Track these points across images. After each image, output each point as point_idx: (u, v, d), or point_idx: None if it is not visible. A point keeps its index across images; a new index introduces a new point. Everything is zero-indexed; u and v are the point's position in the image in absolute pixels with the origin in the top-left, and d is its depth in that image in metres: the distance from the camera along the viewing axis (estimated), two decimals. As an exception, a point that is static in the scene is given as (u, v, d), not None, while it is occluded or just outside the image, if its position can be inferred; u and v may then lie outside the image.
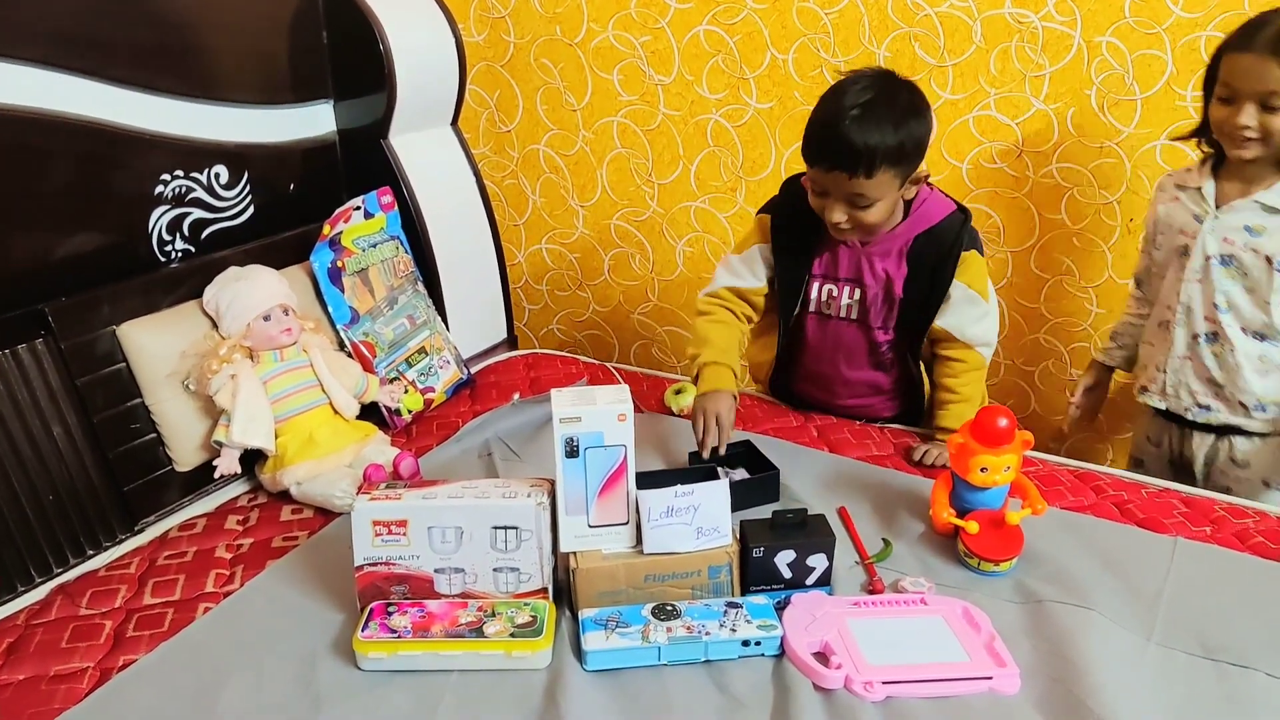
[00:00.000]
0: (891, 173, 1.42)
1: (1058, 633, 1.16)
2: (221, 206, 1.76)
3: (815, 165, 1.45)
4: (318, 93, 1.95)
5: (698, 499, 1.19)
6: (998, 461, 1.30)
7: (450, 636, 1.13)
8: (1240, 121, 1.47)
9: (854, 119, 1.38)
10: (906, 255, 1.56)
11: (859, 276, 1.60)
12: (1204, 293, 1.61)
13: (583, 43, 2.36)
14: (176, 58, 1.65)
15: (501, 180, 2.62)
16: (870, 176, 1.40)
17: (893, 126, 1.39)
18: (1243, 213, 1.55)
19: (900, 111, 1.41)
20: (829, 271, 1.62)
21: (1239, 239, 1.55)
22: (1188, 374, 1.66)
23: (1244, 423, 1.64)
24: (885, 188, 1.43)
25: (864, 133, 1.37)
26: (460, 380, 1.95)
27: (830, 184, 1.44)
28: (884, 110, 1.39)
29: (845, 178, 1.41)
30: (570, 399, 1.19)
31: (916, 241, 1.56)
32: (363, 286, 1.81)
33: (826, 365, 1.71)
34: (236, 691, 1.10)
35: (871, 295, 1.60)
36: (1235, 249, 1.56)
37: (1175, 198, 1.66)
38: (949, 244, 1.54)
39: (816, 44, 2.11)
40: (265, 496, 1.56)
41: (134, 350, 1.51)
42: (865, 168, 1.39)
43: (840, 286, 1.62)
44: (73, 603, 1.28)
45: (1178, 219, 1.64)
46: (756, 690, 1.09)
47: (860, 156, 1.38)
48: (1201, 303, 1.62)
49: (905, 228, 1.55)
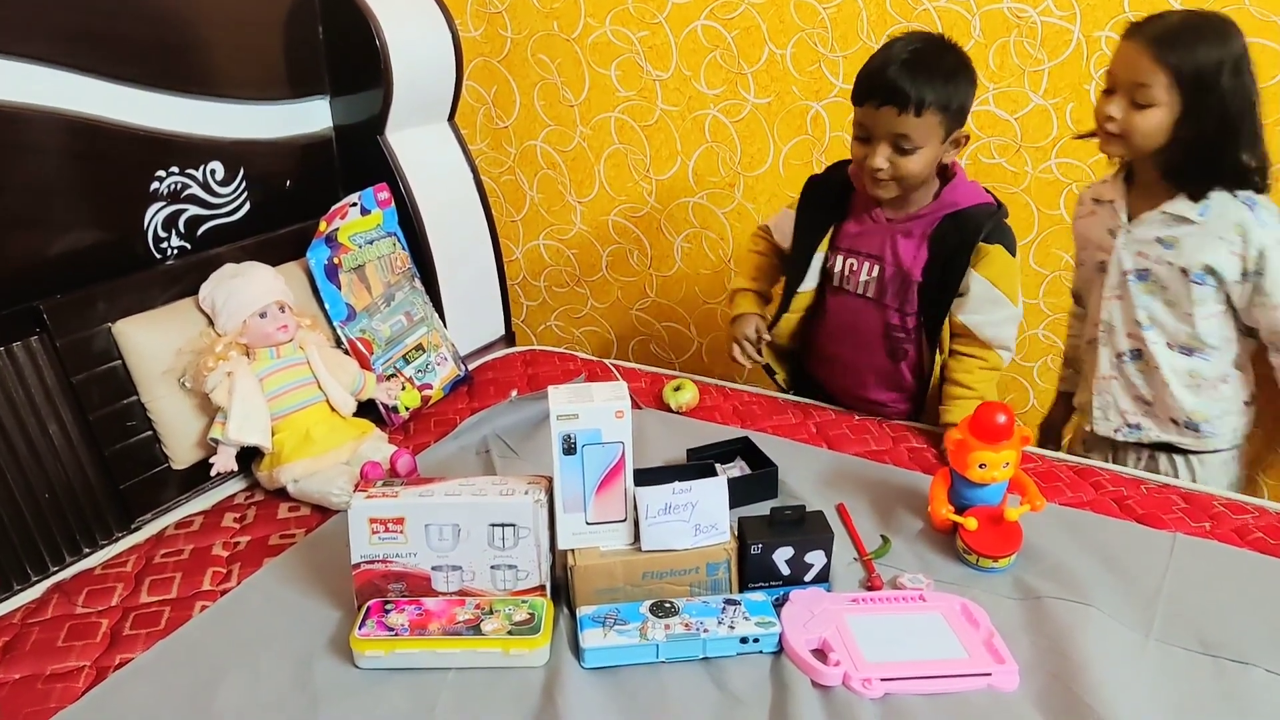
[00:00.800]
0: (938, 119, 1.46)
1: (1056, 629, 1.16)
2: (217, 203, 1.76)
3: (865, 103, 1.49)
4: (314, 88, 1.94)
5: (696, 496, 1.18)
6: (996, 458, 1.30)
7: (448, 634, 1.12)
8: (1107, 112, 1.43)
9: (906, 61, 1.45)
10: (929, 238, 1.57)
11: (881, 253, 1.62)
12: (1124, 309, 1.57)
13: (580, 38, 2.35)
14: (172, 53, 1.64)
15: (499, 176, 2.61)
16: (920, 114, 1.44)
17: (943, 75, 1.45)
18: (1153, 225, 1.50)
19: (950, 66, 1.47)
20: (854, 245, 1.65)
21: (1152, 252, 1.51)
22: (1115, 393, 1.62)
23: (1177, 440, 1.59)
24: (930, 134, 1.46)
25: (915, 72, 1.44)
26: (458, 377, 1.94)
27: (878, 123, 1.48)
28: (934, 60, 1.47)
29: (895, 113, 1.45)
30: (568, 396, 1.18)
31: (941, 225, 1.57)
32: (359, 283, 1.81)
33: (840, 346, 1.72)
34: (233, 690, 1.10)
35: (890, 274, 1.61)
36: (1150, 263, 1.51)
37: (1092, 211, 1.62)
38: (971, 231, 1.55)
39: (814, 39, 2.10)
40: (262, 494, 1.56)
41: (130, 347, 1.50)
42: (915, 104, 1.43)
43: (861, 261, 1.64)
44: (69, 601, 1.27)
45: (1094, 234, 1.60)
46: (755, 687, 1.09)
47: (911, 92, 1.43)
48: (1123, 320, 1.57)
49: (932, 209, 1.57)
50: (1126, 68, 1.40)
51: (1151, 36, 1.37)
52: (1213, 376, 1.54)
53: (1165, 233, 1.49)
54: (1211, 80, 1.35)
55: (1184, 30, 1.37)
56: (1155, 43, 1.37)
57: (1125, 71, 1.40)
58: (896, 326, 1.64)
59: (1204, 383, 1.54)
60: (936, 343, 1.62)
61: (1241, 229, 1.43)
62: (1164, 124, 1.39)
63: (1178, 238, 1.48)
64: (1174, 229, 1.48)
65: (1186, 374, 1.55)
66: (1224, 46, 1.36)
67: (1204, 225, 1.45)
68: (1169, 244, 1.49)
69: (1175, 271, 1.49)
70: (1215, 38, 1.36)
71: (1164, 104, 1.38)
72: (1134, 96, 1.39)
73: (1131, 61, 1.39)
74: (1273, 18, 1.76)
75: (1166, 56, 1.36)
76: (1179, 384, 1.55)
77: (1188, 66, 1.35)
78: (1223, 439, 1.59)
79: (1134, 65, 1.38)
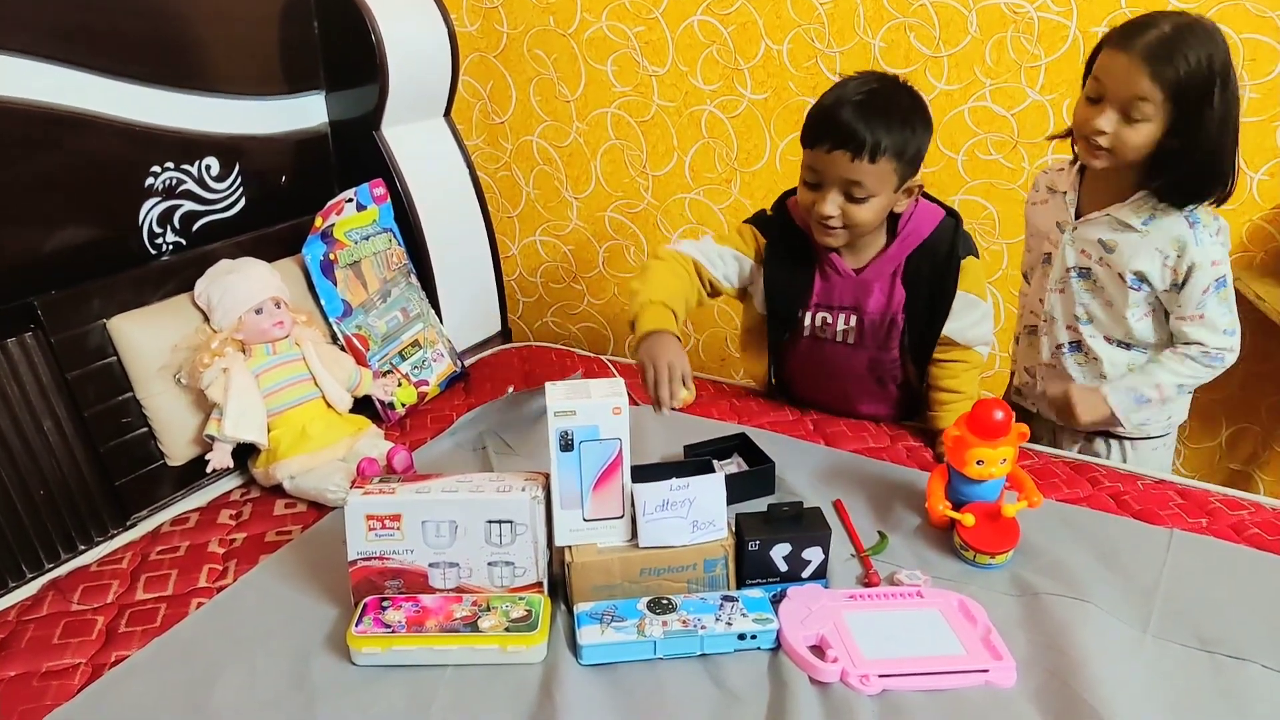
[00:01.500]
0: (892, 166, 1.39)
1: (1054, 625, 1.16)
2: (213, 199, 1.75)
3: (816, 146, 1.41)
4: (309, 84, 1.93)
5: (693, 492, 1.18)
6: (994, 454, 1.30)
7: (445, 631, 1.12)
8: (1097, 125, 1.38)
9: (861, 103, 1.38)
10: (902, 278, 1.53)
11: (856, 304, 1.56)
12: (1065, 303, 1.57)
13: (576, 33, 2.34)
14: (167, 49, 1.64)
15: (495, 172, 2.61)
16: (874, 161, 1.37)
17: (899, 119, 1.38)
18: (1098, 226, 1.50)
19: (905, 108, 1.40)
20: (824, 300, 1.58)
21: (1094, 253, 1.51)
22: (1053, 382, 1.63)
23: (1113, 427, 1.60)
24: (883, 182, 1.40)
25: (871, 116, 1.36)
26: (454, 373, 1.94)
27: (829, 168, 1.40)
28: (889, 102, 1.39)
29: (848, 159, 1.37)
30: (565, 392, 1.18)
31: (909, 262, 1.52)
32: (355, 279, 1.80)
33: (824, 381, 1.70)
34: (229, 687, 1.09)
35: (870, 322, 1.57)
36: (1091, 262, 1.52)
37: (1045, 199, 1.61)
38: (944, 256, 1.51)
39: (811, 34, 2.10)
40: (258, 491, 1.55)
41: (125, 344, 1.49)
42: (870, 150, 1.36)
43: (835, 314, 1.58)
44: (64, 598, 1.27)
45: (1043, 223, 1.60)
46: (752, 684, 1.09)
47: (865, 136, 1.35)
48: (1063, 313, 1.58)
49: (896, 249, 1.52)
50: (1121, 82, 1.36)
51: (1146, 51, 1.33)
52: None
53: (1108, 236, 1.49)
54: (1205, 94, 1.33)
55: (1177, 42, 1.33)
56: (1151, 58, 1.33)
57: (1119, 86, 1.36)
58: (881, 362, 1.62)
59: None
60: (927, 362, 1.61)
61: (1179, 244, 1.44)
62: (1153, 137, 1.38)
63: (1117, 242, 1.48)
64: (1116, 234, 1.49)
65: (1125, 366, 1.56)
66: (1215, 57, 1.33)
67: (1145, 234, 1.46)
68: (1109, 248, 1.49)
69: (1113, 274, 1.50)
70: (1207, 46, 1.33)
71: (1156, 119, 1.36)
72: (1127, 111, 1.36)
73: (1126, 76, 1.35)
74: (1270, 14, 1.76)
75: (1164, 72, 1.32)
76: (1116, 377, 1.56)
77: (1185, 82, 1.33)
78: (1157, 426, 1.62)
79: (1129, 80, 1.35)
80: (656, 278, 1.50)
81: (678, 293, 1.49)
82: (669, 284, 1.50)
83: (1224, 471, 2.19)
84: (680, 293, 1.50)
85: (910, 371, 1.64)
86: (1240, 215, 1.94)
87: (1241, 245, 1.96)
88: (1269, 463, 2.15)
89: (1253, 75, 1.81)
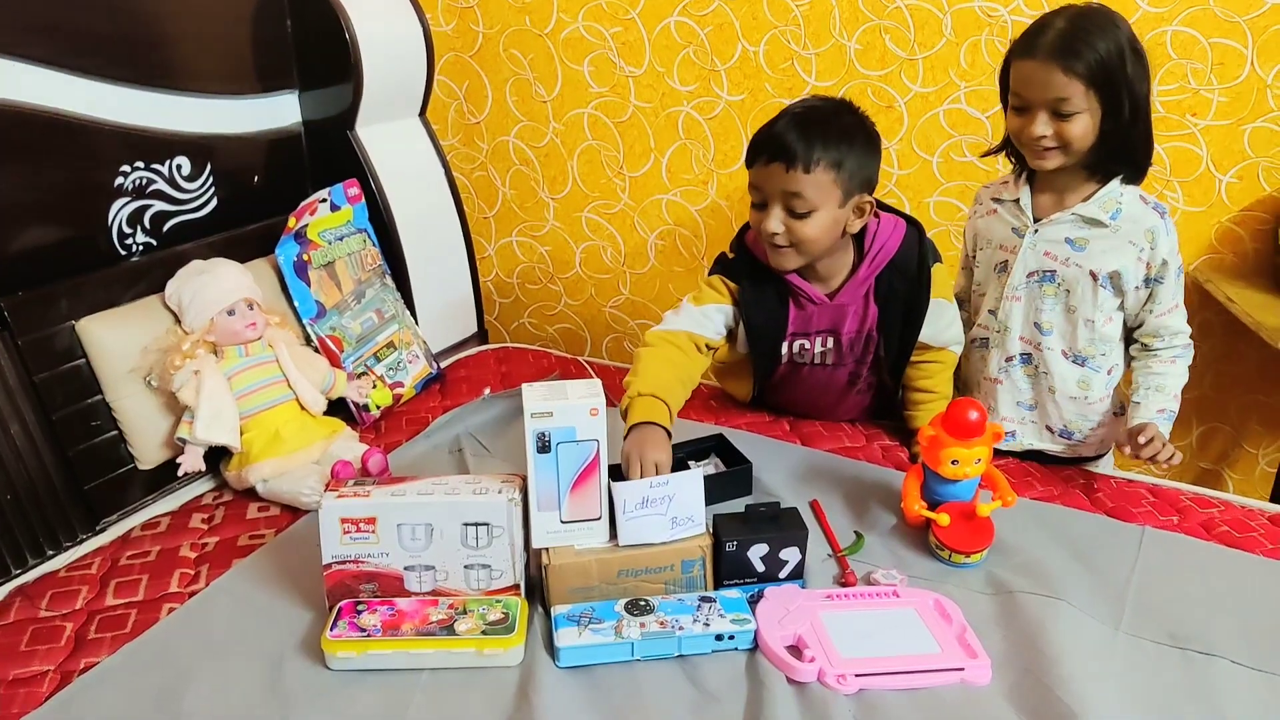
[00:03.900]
0: (830, 178, 1.37)
1: (1028, 623, 1.17)
2: (184, 199, 1.73)
3: (755, 162, 1.42)
4: (282, 83, 1.91)
5: (672, 489, 1.19)
6: (969, 454, 1.31)
7: (421, 635, 1.11)
8: (1035, 132, 1.40)
9: (798, 115, 1.40)
10: (874, 296, 1.53)
11: (833, 327, 1.56)
12: (1022, 312, 1.56)
13: (552, 33, 2.33)
14: (137, 47, 1.61)
15: (471, 172, 2.59)
16: (808, 171, 1.36)
17: (836, 134, 1.38)
18: (1063, 226, 1.49)
19: (845, 126, 1.40)
20: (801, 329, 1.57)
21: (1060, 253, 1.50)
22: (995, 398, 1.61)
23: (1049, 447, 1.60)
24: (823, 194, 1.38)
25: (804, 128, 1.37)
26: (430, 375, 1.93)
27: (767, 182, 1.40)
28: (827, 117, 1.40)
29: (782, 170, 1.37)
30: (542, 394, 1.17)
31: (880, 281, 1.52)
32: (329, 280, 1.79)
33: (804, 398, 1.70)
34: (201, 694, 1.08)
35: (847, 342, 1.57)
36: (1057, 264, 1.50)
37: (993, 210, 1.59)
38: (914, 270, 1.51)
39: (787, 36, 2.11)
40: (231, 494, 1.54)
41: (94, 346, 1.47)
42: (804, 159, 1.35)
43: (813, 339, 1.58)
44: (32, 604, 1.25)
45: (996, 233, 1.58)
46: (730, 684, 1.09)
47: (797, 147, 1.35)
48: (1020, 322, 1.56)
49: (865, 270, 1.51)
50: (1039, 88, 1.38)
51: (1052, 51, 1.35)
52: (1097, 387, 1.55)
53: (1076, 234, 1.49)
54: (1118, 71, 1.36)
55: (1079, 33, 1.35)
56: (1060, 56, 1.35)
57: (1039, 91, 1.38)
58: (857, 374, 1.63)
59: (1088, 393, 1.55)
60: (903, 370, 1.61)
61: (1152, 236, 1.45)
62: (1092, 125, 1.39)
63: (1088, 239, 1.48)
64: (1085, 230, 1.48)
65: (1075, 383, 1.55)
66: (1117, 35, 1.36)
67: (1116, 229, 1.46)
68: (1079, 245, 1.48)
69: (1084, 274, 1.48)
70: (1107, 29, 1.36)
71: (1086, 109, 1.38)
72: (1056, 110, 1.38)
73: (1042, 81, 1.37)
74: (1237, 18, 1.79)
75: (1075, 66, 1.34)
76: (1064, 394, 1.55)
77: (1097, 68, 1.35)
78: (1089, 448, 1.61)
79: (1046, 84, 1.37)
80: (647, 369, 1.46)
81: (671, 381, 1.45)
82: (660, 375, 1.46)
83: (1195, 470, 2.21)
84: (673, 381, 1.46)
85: (884, 377, 1.64)
86: (1210, 217, 1.96)
87: (1211, 247, 1.98)
88: (1238, 461, 2.18)
89: (1221, 79, 1.83)
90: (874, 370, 1.63)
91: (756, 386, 1.70)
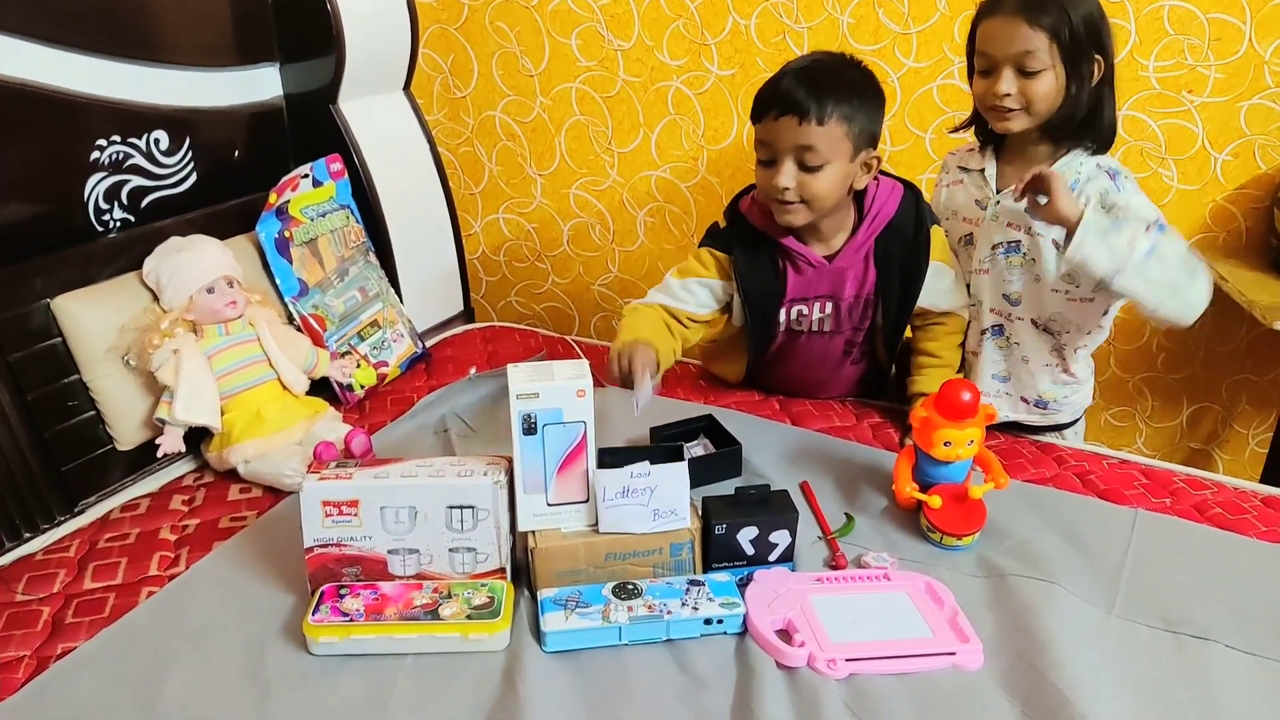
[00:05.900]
0: (843, 130, 1.37)
1: (1020, 607, 1.16)
2: (162, 174, 1.69)
3: (764, 117, 1.40)
4: (263, 55, 1.87)
5: (655, 480, 1.16)
6: (961, 435, 1.29)
7: (404, 619, 1.10)
8: (999, 89, 1.39)
9: (804, 69, 1.39)
10: (873, 259, 1.52)
11: (832, 292, 1.55)
12: (991, 284, 1.55)
13: (539, 6, 2.29)
14: (112, 17, 1.57)
15: (456, 148, 2.56)
16: (822, 124, 1.35)
17: (845, 84, 1.38)
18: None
19: (852, 79, 1.40)
20: (799, 294, 1.55)
21: (1022, 223, 1.48)
22: (970, 371, 1.61)
23: (1024, 418, 1.60)
24: (836, 148, 1.37)
25: (815, 79, 1.36)
26: (414, 354, 1.90)
27: (779, 137, 1.38)
28: (834, 70, 1.40)
29: (795, 123, 1.35)
30: (528, 374, 1.15)
31: (879, 243, 1.51)
32: (312, 257, 1.75)
33: (798, 372, 1.68)
34: (181, 679, 1.06)
35: (846, 307, 1.56)
36: (1019, 235, 1.49)
37: (959, 180, 1.58)
38: (912, 233, 1.51)
39: (779, 9, 2.07)
40: (212, 475, 1.51)
41: (70, 324, 1.44)
42: (817, 112, 1.34)
43: (811, 305, 1.56)
44: (8, 589, 1.23)
45: (960, 204, 1.57)
46: (719, 669, 1.08)
47: (810, 99, 1.34)
48: (989, 295, 1.56)
49: (864, 231, 1.50)
50: (1005, 43, 1.37)
51: (1018, 5, 1.35)
52: (1069, 356, 1.54)
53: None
54: (1082, 30, 1.35)
55: None
56: (1024, 9, 1.35)
57: (1004, 47, 1.37)
58: (854, 342, 1.61)
59: (1061, 363, 1.55)
60: (900, 337, 1.60)
61: (1101, 198, 1.42)
62: (1056, 85, 1.38)
63: None
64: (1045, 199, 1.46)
65: (1048, 352, 1.55)
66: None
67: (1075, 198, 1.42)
68: None
69: (1047, 243, 1.47)
70: None
71: (1050, 66, 1.37)
72: (1021, 66, 1.37)
73: (1007, 36, 1.36)
74: (1236, -7, 1.76)
75: (1039, 19, 1.34)
76: (1039, 362, 1.55)
77: (1061, 23, 1.34)
78: (1064, 415, 1.61)
79: (1012, 39, 1.36)
80: (633, 323, 1.50)
81: (656, 334, 1.49)
82: (646, 325, 1.50)
83: (1184, 450, 2.21)
84: (657, 333, 1.49)
85: (880, 349, 1.62)
86: (1204, 195, 1.94)
87: (1205, 225, 1.97)
88: (1228, 441, 2.18)
89: (1218, 55, 1.81)
90: (869, 339, 1.62)
91: (751, 361, 1.68)
